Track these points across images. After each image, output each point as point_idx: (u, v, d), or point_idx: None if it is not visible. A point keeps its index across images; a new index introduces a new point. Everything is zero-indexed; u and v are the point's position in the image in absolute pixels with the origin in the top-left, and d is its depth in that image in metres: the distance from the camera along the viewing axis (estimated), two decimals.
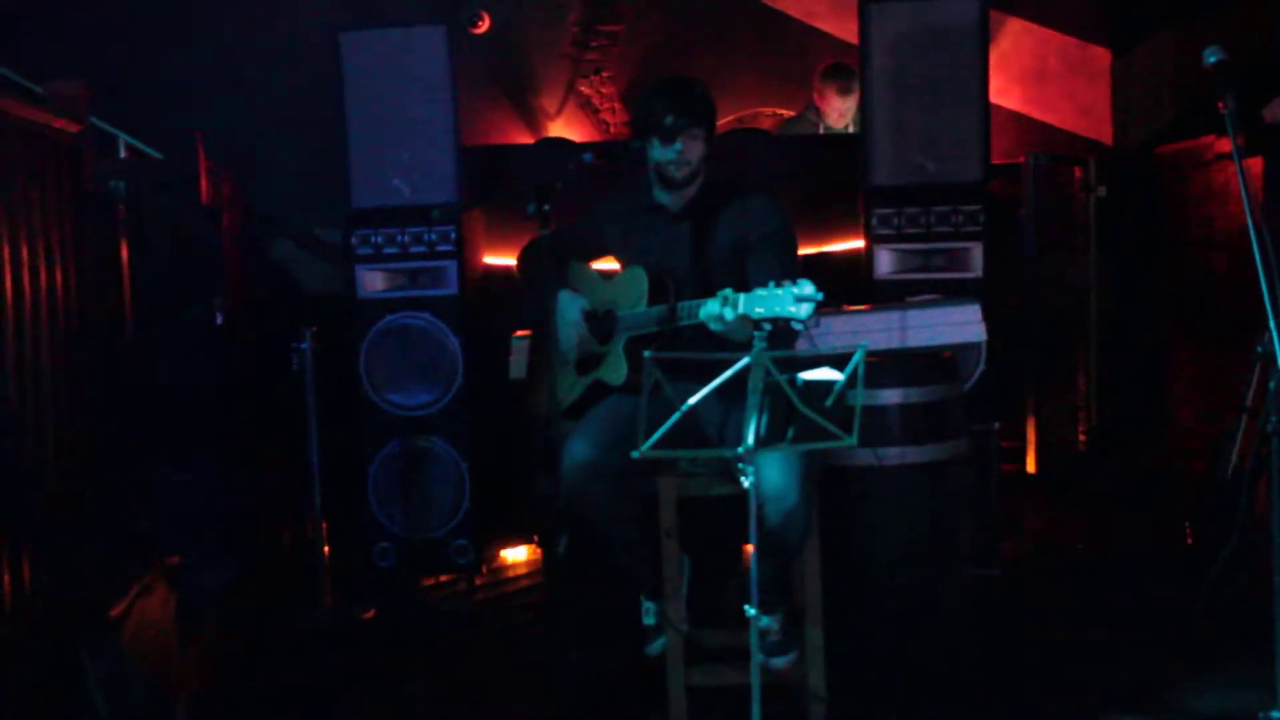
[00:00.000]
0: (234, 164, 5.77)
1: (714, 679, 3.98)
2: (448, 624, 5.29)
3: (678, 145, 4.04)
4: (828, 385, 3.26)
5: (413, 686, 4.60)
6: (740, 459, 3.26)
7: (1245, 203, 3.71)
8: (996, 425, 5.46)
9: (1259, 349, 4.72)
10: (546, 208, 3.75)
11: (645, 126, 4.09)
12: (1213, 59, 3.76)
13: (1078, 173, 7.17)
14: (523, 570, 5.83)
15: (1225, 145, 5.93)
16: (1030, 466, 6.96)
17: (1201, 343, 6.34)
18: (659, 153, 4.06)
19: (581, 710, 4.14)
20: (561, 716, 4.08)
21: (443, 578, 5.72)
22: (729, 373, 3.22)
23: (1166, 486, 6.63)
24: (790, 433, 3.27)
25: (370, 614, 5.30)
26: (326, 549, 5.34)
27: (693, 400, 3.23)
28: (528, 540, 5.93)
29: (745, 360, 3.21)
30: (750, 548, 4.46)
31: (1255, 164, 5.67)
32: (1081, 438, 7.16)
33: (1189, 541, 5.20)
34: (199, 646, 4.42)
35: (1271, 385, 3.57)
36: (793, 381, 3.24)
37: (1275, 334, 3.58)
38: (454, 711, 4.36)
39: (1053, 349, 7.13)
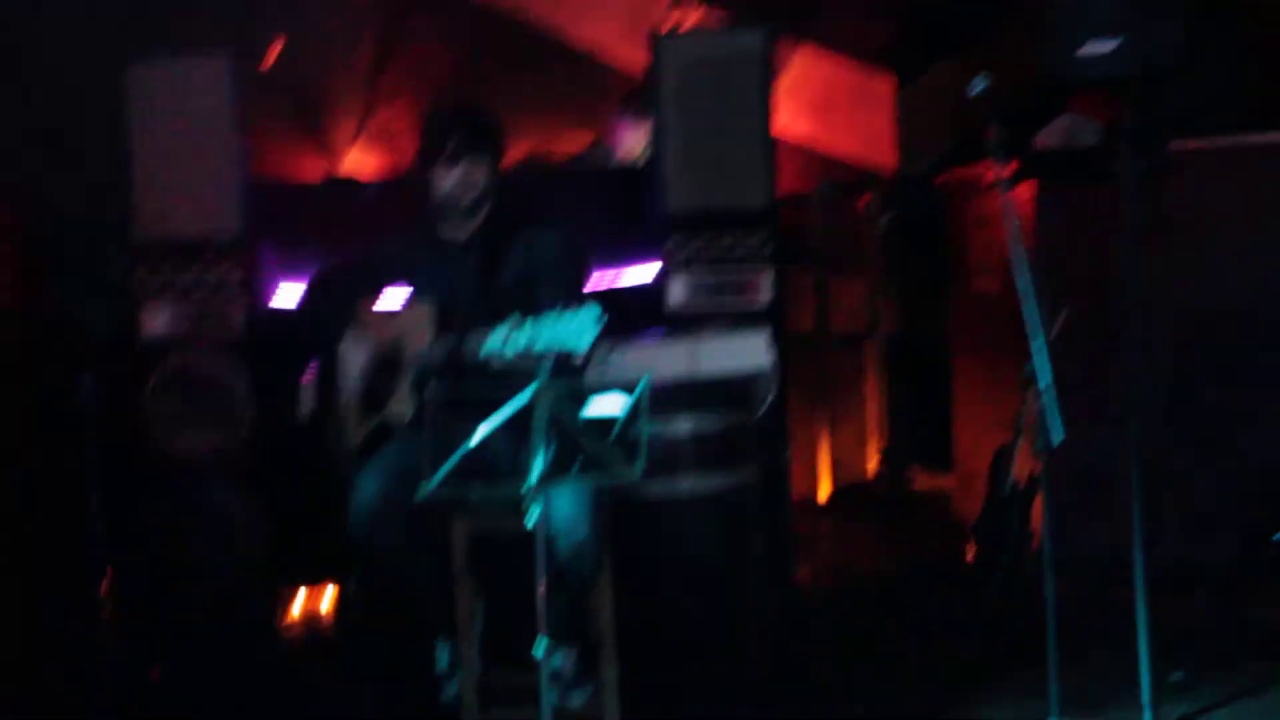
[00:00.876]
0: (9, 194, 5.56)
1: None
2: (246, 676, 5.13)
3: (460, 167, 4.02)
4: (611, 420, 3.27)
5: None
6: (526, 494, 3.24)
7: (1008, 229, 3.84)
8: (787, 454, 5.55)
9: (1026, 368, 4.90)
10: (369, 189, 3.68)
11: (428, 152, 4.06)
12: (978, 88, 3.89)
13: (864, 200, 7.37)
14: (322, 614, 5.71)
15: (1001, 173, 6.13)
16: (820, 493, 7.10)
17: (982, 365, 6.54)
18: (441, 179, 4.04)
19: None
20: None
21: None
22: (512, 407, 3.21)
23: (951, 507, 6.83)
24: (577, 467, 3.27)
25: (155, 672, 5.12)
26: (106, 612, 5.12)
27: (475, 438, 3.21)
28: (328, 581, 5.81)
29: (527, 393, 3.20)
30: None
31: (1028, 189, 5.89)
32: (870, 463, 7.33)
33: (968, 559, 5.36)
34: None
35: (1033, 404, 3.70)
36: (574, 417, 3.24)
37: (1039, 354, 3.71)
38: None
39: (844, 376, 7.30)
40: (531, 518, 3.23)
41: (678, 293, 5.66)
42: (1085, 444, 4.33)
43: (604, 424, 3.27)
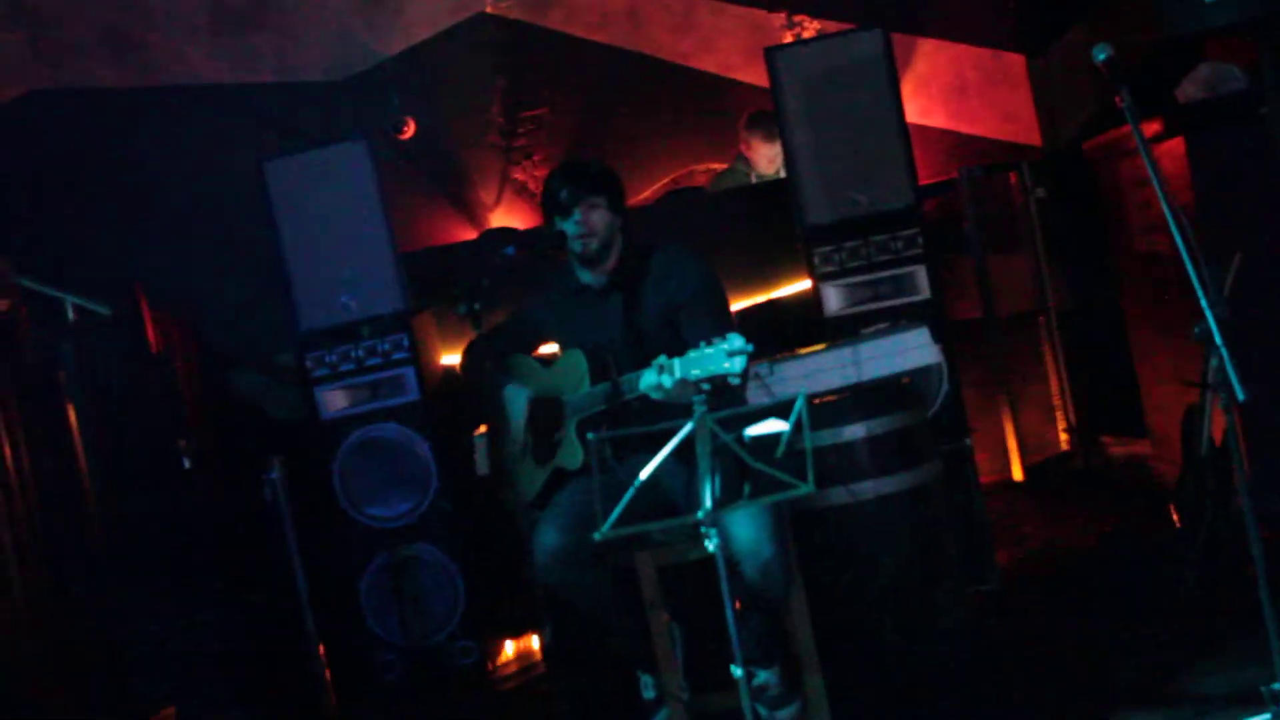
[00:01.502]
0: (182, 305, 5.81)
1: None
2: None
3: (576, 215, 4.11)
4: (775, 437, 3.29)
5: None
6: (701, 523, 3.27)
7: (1158, 189, 3.75)
8: (968, 441, 5.47)
9: (1196, 330, 4.77)
10: (477, 306, 3.79)
11: (548, 208, 4.19)
12: (1101, 56, 3.82)
13: (1013, 178, 7.25)
14: (530, 661, 5.81)
15: (1147, 131, 5.99)
16: (1015, 474, 6.99)
17: (1159, 325, 6.38)
18: (564, 228, 4.14)
19: None
20: None
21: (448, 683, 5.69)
22: (675, 441, 3.24)
23: (1151, 472, 6.65)
24: (746, 489, 3.29)
25: None
26: (327, 673, 5.31)
27: (644, 474, 3.25)
28: (535, 630, 5.91)
29: (690, 425, 3.23)
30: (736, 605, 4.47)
31: (1177, 145, 5.74)
32: (1062, 436, 7.19)
33: (1177, 524, 5.20)
34: None
35: (1214, 363, 3.59)
36: (740, 439, 3.26)
37: (1209, 314, 3.60)
38: None
39: (1020, 354, 7.19)
40: (710, 545, 3.25)
41: (833, 300, 5.67)
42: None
43: (769, 443, 3.28)
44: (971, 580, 5.12)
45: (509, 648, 5.92)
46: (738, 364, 3.39)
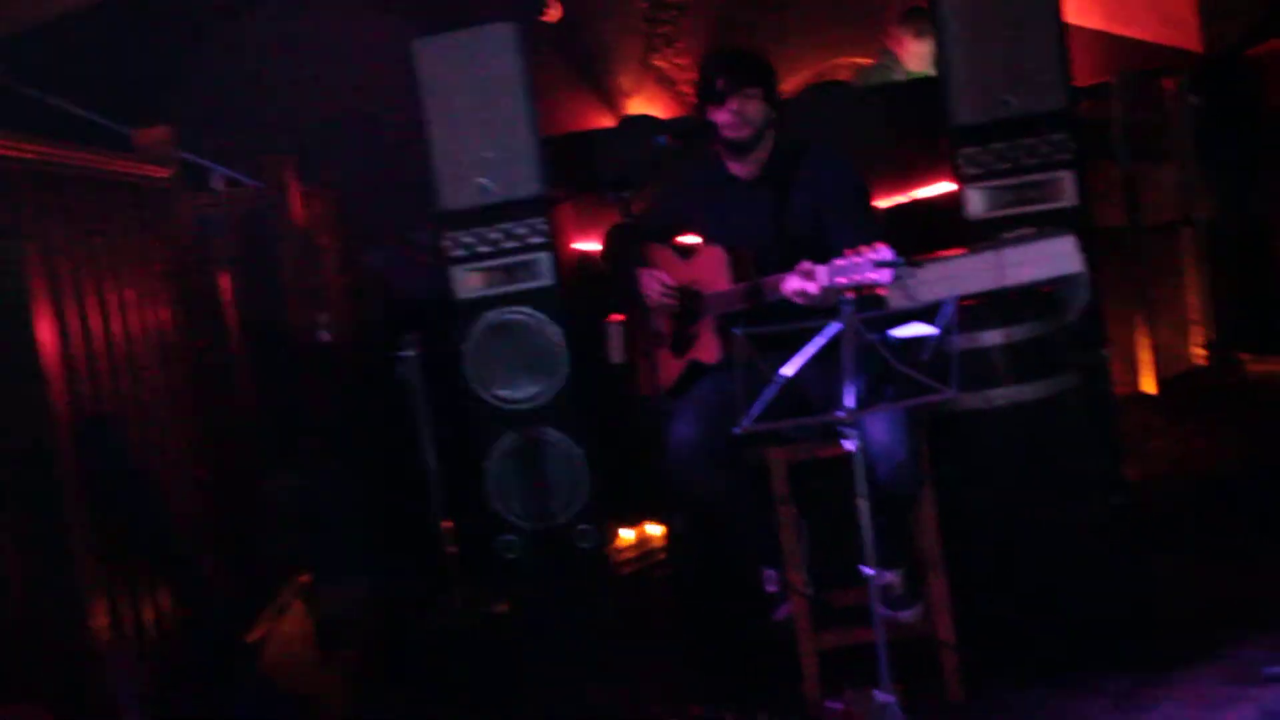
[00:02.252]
0: (325, 181, 5.88)
1: (844, 640, 4.00)
2: (581, 610, 5.35)
3: (732, 106, 4.07)
4: (921, 340, 3.26)
5: (554, 672, 4.67)
6: (842, 422, 3.27)
7: None
8: (1106, 354, 5.38)
9: None
10: (626, 194, 3.78)
11: (702, 96, 4.14)
12: None
13: (1169, 85, 7.03)
14: (649, 548, 5.88)
15: None
16: (1148, 387, 6.87)
17: None
18: (717, 117, 4.09)
19: (718, 680, 4.18)
20: (699, 688, 4.11)
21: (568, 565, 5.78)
22: (820, 341, 3.23)
23: None
24: (890, 391, 3.28)
25: (504, 607, 5.39)
26: (452, 549, 5.42)
27: (785, 370, 3.25)
28: (651, 519, 5.98)
29: (836, 327, 3.22)
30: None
31: None
32: (1199, 352, 7.04)
33: None
34: (340, 663, 4.52)
35: None
36: (886, 340, 3.24)
37: None
38: (603, 691, 4.40)
39: (1160, 265, 7.02)
40: (850, 444, 3.25)
41: (976, 203, 5.56)
42: None
43: (915, 345, 3.26)
44: (1102, 494, 5.05)
45: (628, 534, 5.99)
46: (885, 275, 3.36)
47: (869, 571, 3.34)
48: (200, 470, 4.15)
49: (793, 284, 3.66)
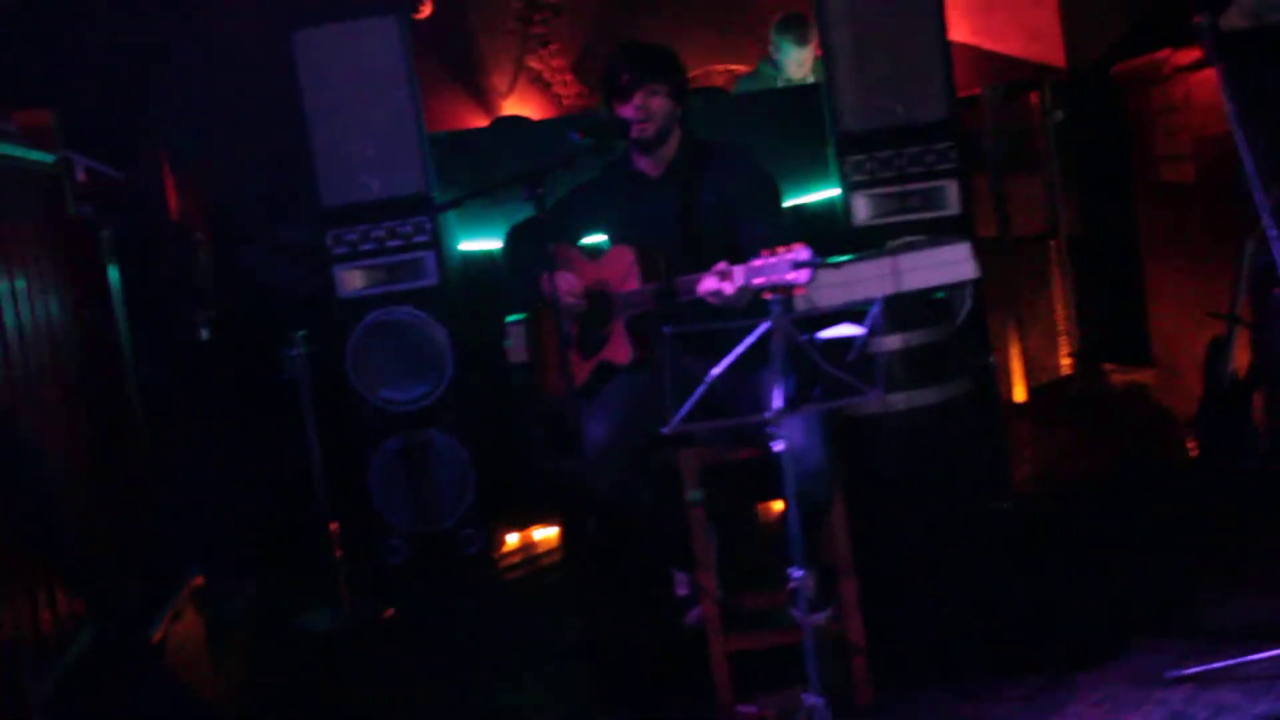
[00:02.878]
0: (200, 174, 5.70)
1: (755, 643, 3.99)
2: (469, 614, 5.26)
3: (637, 102, 4.04)
4: (847, 340, 3.27)
5: (446, 676, 4.58)
6: (768, 423, 3.25)
7: (1232, 115, 3.71)
8: (994, 360, 5.48)
9: (1252, 258, 4.77)
10: (540, 191, 3.72)
11: (607, 91, 4.11)
12: None
13: (1034, 99, 7.20)
14: (539, 552, 5.81)
15: (1183, 58, 5.95)
16: (1019, 395, 7.02)
17: (1180, 255, 6.38)
18: (623, 113, 4.06)
19: (626, 684, 4.13)
20: (607, 692, 4.06)
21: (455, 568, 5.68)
22: (751, 339, 3.21)
23: (1156, 403, 6.69)
24: (816, 392, 3.28)
25: (389, 612, 5.27)
26: (337, 552, 5.29)
27: (716, 371, 3.22)
28: (541, 522, 5.91)
29: (766, 326, 3.20)
30: (776, 508, 4.49)
31: (1214, 74, 5.69)
32: (1065, 361, 7.21)
33: (1194, 454, 5.25)
34: (230, 666, 4.38)
35: (1276, 293, 3.58)
36: (813, 341, 3.24)
37: (1275, 243, 3.58)
38: (497, 695, 4.33)
39: (1029, 277, 7.19)
40: (779, 445, 3.24)
41: (862, 209, 5.62)
42: None
43: (841, 347, 3.26)
44: (990, 497, 5.14)
45: (514, 538, 5.92)
46: (803, 276, 3.35)
47: (797, 573, 3.32)
48: (92, 467, 3.98)
49: (708, 284, 3.64)
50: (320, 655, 4.95)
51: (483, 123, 7.40)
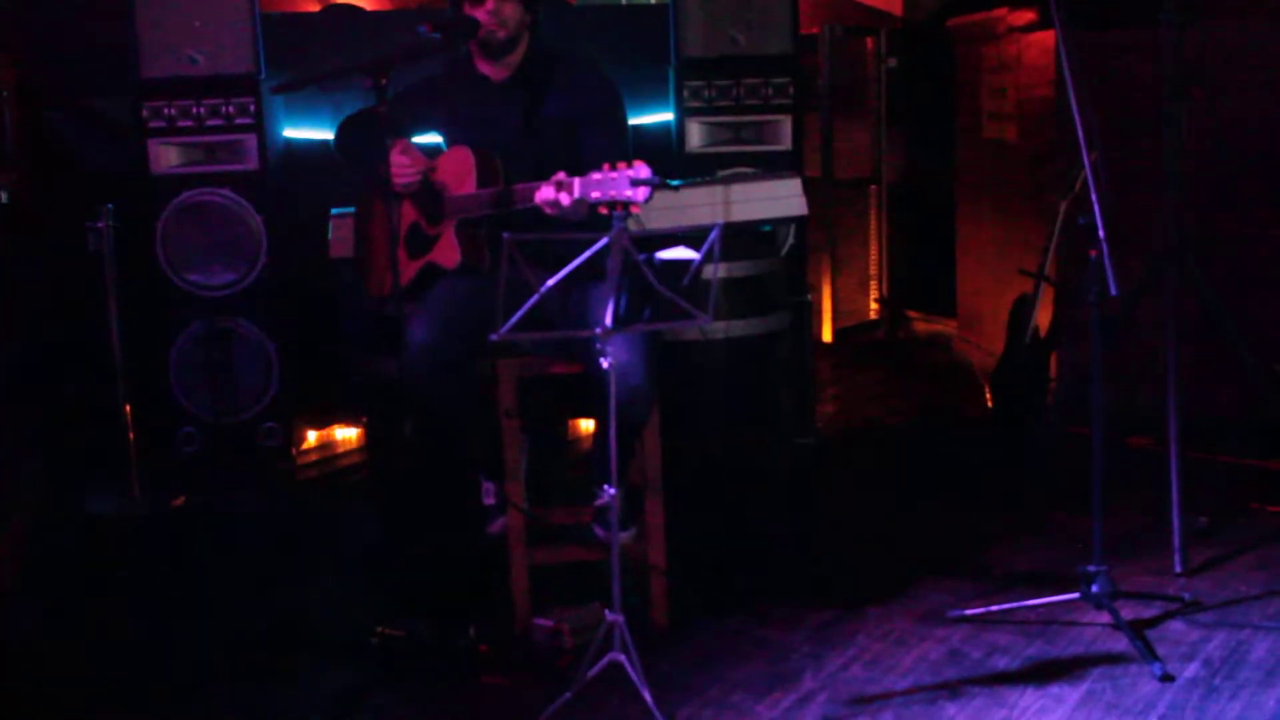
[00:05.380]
0: (5, 33, 5.40)
1: (556, 556, 4.00)
2: (265, 508, 5.16)
3: (490, 6, 3.95)
4: (684, 264, 3.27)
5: (236, 573, 4.49)
6: (598, 339, 3.24)
7: (1067, 76, 3.79)
8: (809, 297, 5.55)
9: (1065, 219, 4.91)
10: (384, 82, 3.62)
11: None
12: None
13: (869, 44, 7.29)
14: (337, 451, 5.73)
15: (1017, 19, 6.08)
16: (825, 335, 7.15)
17: (993, 211, 6.55)
18: (475, 14, 3.96)
19: (423, 590, 4.11)
20: (403, 598, 4.03)
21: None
22: (588, 253, 3.19)
23: (957, 353, 6.88)
24: (647, 313, 3.27)
25: (179, 501, 5.14)
26: (131, 435, 5.12)
27: (551, 282, 3.19)
28: (343, 421, 5.81)
29: (603, 241, 3.18)
30: (588, 425, 4.49)
31: (1046, 38, 5.84)
32: (873, 305, 7.37)
33: (989, 405, 5.41)
34: (9, 542, 4.22)
35: (1092, 257, 3.68)
36: (650, 261, 3.23)
37: (1096, 206, 3.69)
38: (288, 596, 4.26)
39: (844, 219, 7.31)
40: (605, 362, 3.23)
41: (695, 136, 5.63)
42: None
43: (677, 270, 3.26)
44: (795, 433, 5.23)
45: (315, 435, 5.81)
46: (641, 194, 3.33)
47: (610, 490, 3.33)
48: None
49: (545, 193, 3.59)
50: (106, 539, 4.80)
51: (314, 7, 7.16)
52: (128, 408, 5.10)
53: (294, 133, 5.74)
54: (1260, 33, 5.45)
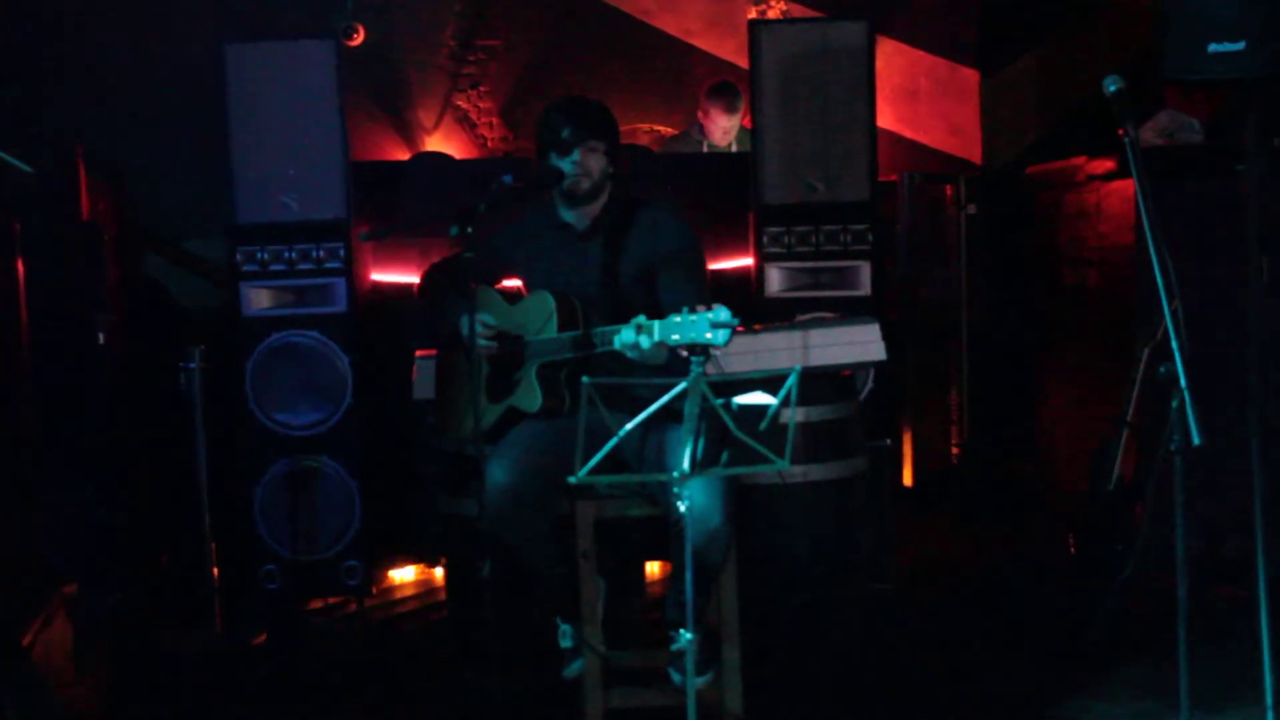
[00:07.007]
0: (116, 176, 5.61)
1: (632, 701, 3.98)
2: (342, 647, 5.18)
3: (575, 156, 4.06)
4: (761, 408, 3.29)
5: (314, 711, 4.50)
6: (675, 483, 3.26)
7: (1147, 226, 3.80)
8: (889, 441, 5.55)
9: (1147, 367, 4.89)
10: (469, 230, 3.72)
11: (544, 142, 4.11)
12: (1113, 88, 3.83)
13: (949, 191, 7.34)
14: (414, 591, 5.75)
15: (1097, 167, 6.13)
16: (906, 480, 7.10)
17: (1073, 357, 6.53)
18: (559, 165, 4.07)
19: None
20: None
21: (331, 600, 5.59)
22: (666, 397, 3.23)
23: (1039, 499, 6.81)
24: (724, 456, 3.29)
25: (261, 638, 5.18)
26: (215, 570, 5.19)
27: (629, 425, 3.23)
28: (421, 561, 5.86)
29: (682, 385, 3.22)
30: (662, 568, 4.49)
31: (1126, 186, 5.88)
32: (954, 451, 7.32)
33: (1072, 553, 5.34)
34: (95, 675, 4.27)
35: (1174, 405, 3.66)
36: (728, 406, 3.26)
37: (1178, 355, 3.67)
38: None
39: (925, 364, 7.30)
40: (682, 506, 3.25)
41: (775, 281, 5.70)
42: None
43: (755, 414, 3.28)
44: (872, 578, 5.19)
45: (397, 575, 5.86)
46: (720, 336, 3.37)
47: (686, 635, 3.32)
48: None
49: (626, 337, 3.65)
50: (188, 672, 4.84)
51: (404, 156, 7.37)
52: (213, 545, 5.17)
53: (380, 274, 5.88)
54: None
